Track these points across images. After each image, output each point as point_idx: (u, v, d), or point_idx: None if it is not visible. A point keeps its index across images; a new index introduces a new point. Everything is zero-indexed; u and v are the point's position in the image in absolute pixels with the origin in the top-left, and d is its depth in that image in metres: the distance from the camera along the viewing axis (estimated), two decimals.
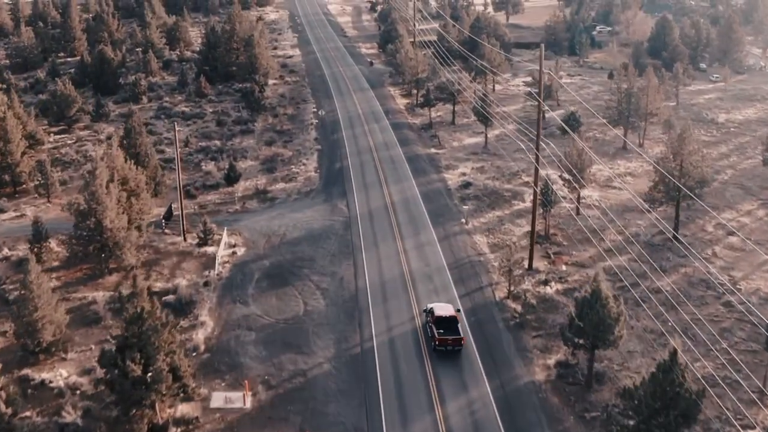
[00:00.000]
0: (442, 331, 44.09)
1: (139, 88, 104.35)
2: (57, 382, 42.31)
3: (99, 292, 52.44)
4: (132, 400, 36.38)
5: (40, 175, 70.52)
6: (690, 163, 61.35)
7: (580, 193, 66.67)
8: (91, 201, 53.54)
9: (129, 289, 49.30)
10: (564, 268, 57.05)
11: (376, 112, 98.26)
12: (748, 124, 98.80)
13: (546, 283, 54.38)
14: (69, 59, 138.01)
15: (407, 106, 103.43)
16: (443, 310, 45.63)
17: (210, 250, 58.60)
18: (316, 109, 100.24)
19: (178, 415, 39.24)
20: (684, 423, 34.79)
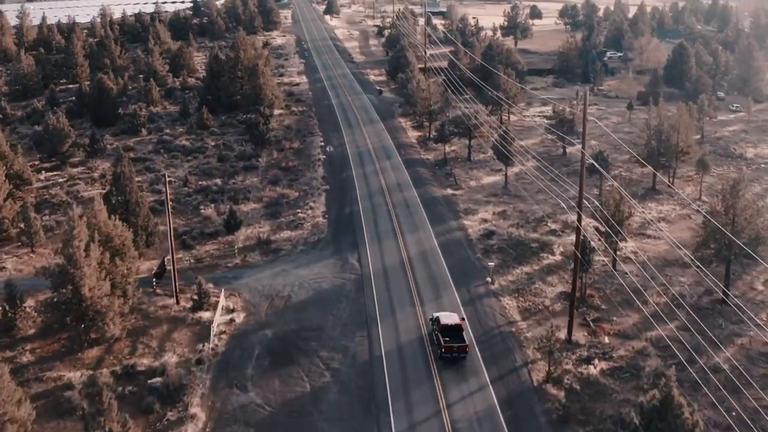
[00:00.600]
0: (447, 338, 44.01)
1: (138, 119, 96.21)
2: None
3: (76, 372, 44.03)
4: None
5: (23, 221, 62.23)
6: (744, 218, 52.87)
7: (617, 246, 58.11)
8: (68, 265, 45.21)
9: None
10: (606, 340, 48.45)
11: (387, 146, 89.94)
12: None
13: (589, 361, 45.79)
14: (71, 86, 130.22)
15: (419, 139, 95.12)
16: (449, 318, 45.59)
17: (205, 316, 50.17)
18: (323, 143, 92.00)
19: None
20: None
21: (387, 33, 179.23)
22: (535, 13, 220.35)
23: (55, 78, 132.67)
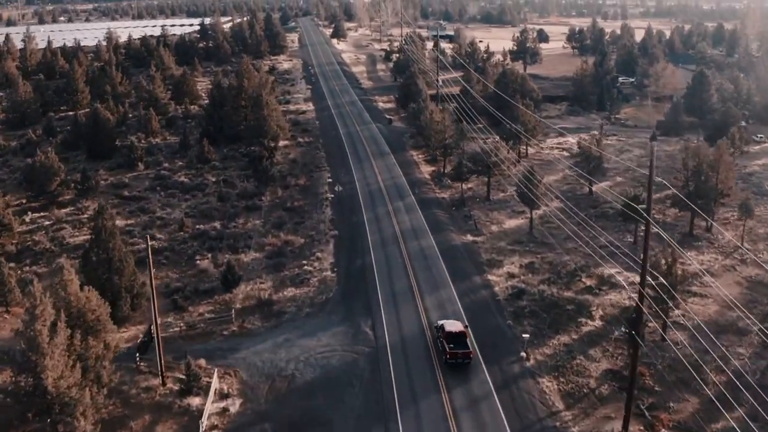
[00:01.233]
0: (452, 345, 44.10)
1: (135, 153, 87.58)
2: None
3: None
4: None
5: None
6: None
7: (668, 313, 49.05)
8: (30, 351, 36.31)
9: None
10: None
11: (400, 184, 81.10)
12: None
13: None
14: (71, 113, 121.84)
15: (433, 175, 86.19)
16: (453, 326, 45.71)
17: (195, 402, 41.26)
18: (331, 180, 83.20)
19: None
20: None
21: (394, 57, 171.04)
22: (542, 37, 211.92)
23: (54, 105, 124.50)
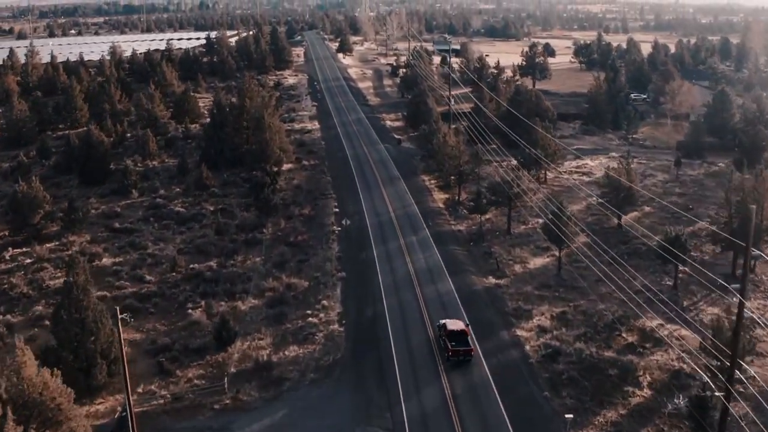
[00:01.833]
0: (454, 343, 43.95)
1: (129, 178, 79.40)
2: None
3: None
4: None
5: None
6: None
7: (732, 385, 40.54)
8: None
9: None
10: None
11: (412, 214, 72.72)
12: None
13: None
14: (69, 131, 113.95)
15: (447, 203, 77.80)
16: (454, 325, 45.67)
17: None
18: (337, 209, 74.84)
19: None
20: None
21: (401, 73, 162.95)
22: (549, 51, 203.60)
23: (52, 123, 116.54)
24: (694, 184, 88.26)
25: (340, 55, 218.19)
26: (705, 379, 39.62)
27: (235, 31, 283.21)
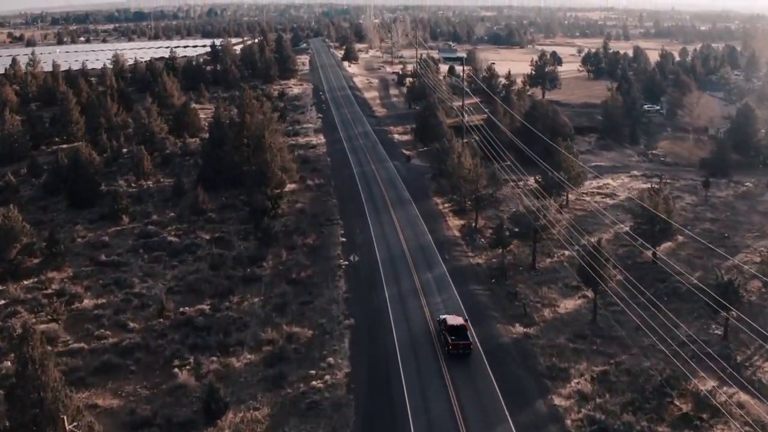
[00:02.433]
0: (454, 337, 43.89)
1: (119, 203, 71.04)
2: None
3: None
4: None
5: None
6: None
7: None
8: None
9: None
10: None
11: (426, 245, 64.14)
12: None
13: None
14: (65, 145, 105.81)
15: (463, 231, 69.17)
16: (454, 320, 45.45)
17: None
18: (344, 239, 66.30)
19: None
20: None
21: (408, 82, 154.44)
22: (556, 59, 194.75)
23: (47, 137, 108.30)
24: (725, 207, 79.69)
25: (346, 63, 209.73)
26: None
27: (241, 39, 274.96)
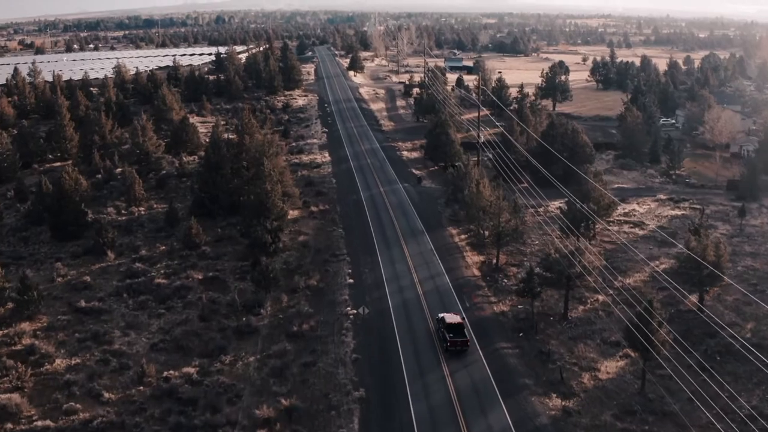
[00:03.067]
0: (452, 335, 44.37)
1: (105, 236, 62.33)
2: None
3: None
4: None
5: None
6: None
7: None
8: None
9: None
10: None
11: (443, 289, 55.26)
12: None
13: None
14: (57, 164, 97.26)
15: (483, 269, 60.21)
16: (452, 318, 45.92)
17: None
18: (351, 279, 57.50)
19: None
20: None
21: (415, 93, 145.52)
22: (563, 69, 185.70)
23: (40, 155, 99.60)
24: (762, 238, 70.68)
25: (351, 72, 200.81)
26: None
27: (248, 47, 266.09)
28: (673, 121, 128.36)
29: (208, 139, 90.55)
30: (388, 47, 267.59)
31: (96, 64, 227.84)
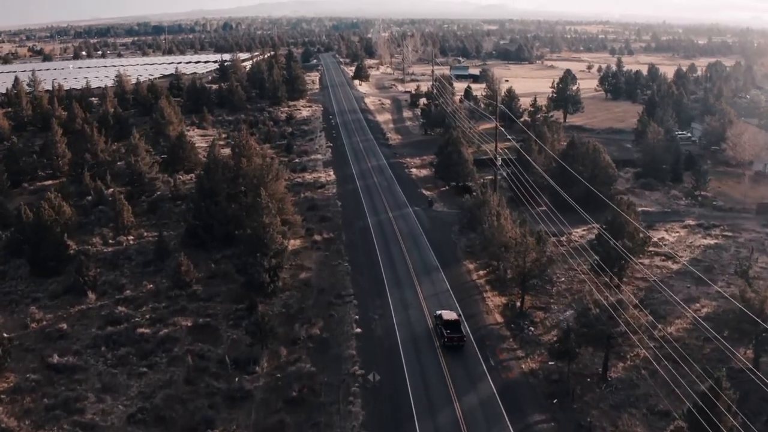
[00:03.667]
0: (449, 331, 45.34)
1: (85, 275, 54.41)
2: None
3: None
4: None
5: None
6: None
7: None
8: None
9: None
10: None
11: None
12: None
13: None
14: (48, 182, 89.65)
15: (506, 314, 52.11)
16: (449, 315, 46.96)
17: None
18: (359, 328, 49.47)
19: None
20: None
21: (421, 103, 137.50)
22: (572, 78, 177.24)
23: (30, 173, 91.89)
24: None
25: (356, 81, 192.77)
26: None
27: (252, 54, 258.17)
28: (689, 134, 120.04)
29: (206, 154, 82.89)
30: (393, 54, 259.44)
31: (101, 72, 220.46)
